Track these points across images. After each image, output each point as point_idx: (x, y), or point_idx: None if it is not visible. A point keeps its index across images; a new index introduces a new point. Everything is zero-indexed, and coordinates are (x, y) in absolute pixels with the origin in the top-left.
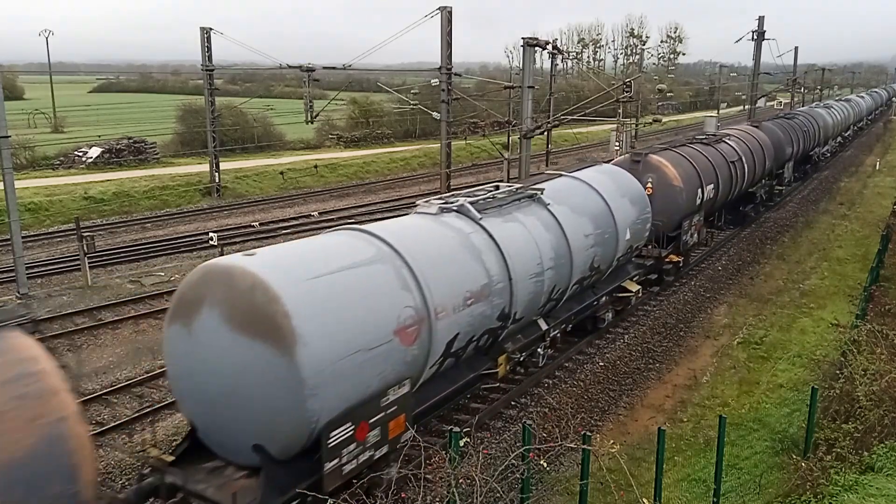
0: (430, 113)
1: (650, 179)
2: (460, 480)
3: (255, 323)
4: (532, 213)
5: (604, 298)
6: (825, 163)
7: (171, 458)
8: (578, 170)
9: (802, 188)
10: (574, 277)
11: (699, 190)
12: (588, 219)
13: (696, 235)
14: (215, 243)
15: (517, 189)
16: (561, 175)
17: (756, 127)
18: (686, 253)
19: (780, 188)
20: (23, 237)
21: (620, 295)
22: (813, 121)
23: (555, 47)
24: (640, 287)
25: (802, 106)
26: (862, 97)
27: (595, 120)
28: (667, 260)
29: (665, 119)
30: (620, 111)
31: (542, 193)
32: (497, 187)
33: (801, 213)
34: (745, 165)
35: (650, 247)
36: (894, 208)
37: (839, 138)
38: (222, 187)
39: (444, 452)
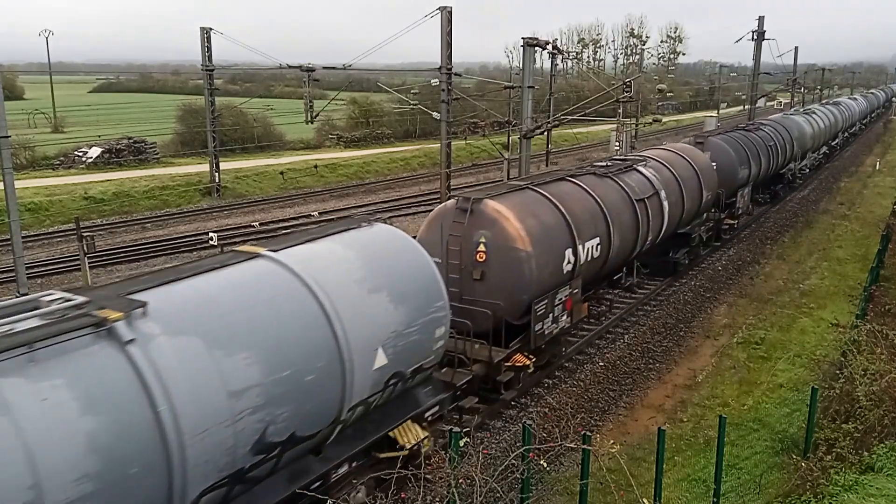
0: (430, 113)
1: (482, 240)
2: (460, 480)
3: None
4: None
5: None
6: (804, 180)
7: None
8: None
9: (766, 217)
10: None
11: (568, 252)
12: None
13: (562, 321)
14: (215, 243)
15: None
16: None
17: (700, 144)
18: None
19: (733, 221)
20: (23, 237)
21: None
22: (784, 132)
23: (555, 47)
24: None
25: (803, 106)
26: (855, 99)
27: (595, 120)
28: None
29: (665, 119)
30: (620, 111)
31: None
32: None
33: (801, 213)
34: (667, 202)
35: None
36: (894, 208)
37: (823, 148)
38: (222, 187)
39: (444, 452)
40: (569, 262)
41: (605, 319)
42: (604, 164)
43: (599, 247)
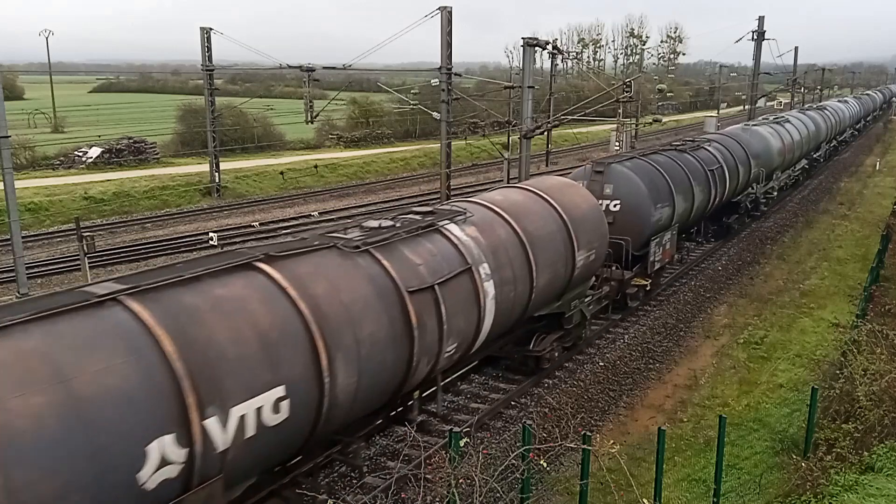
0: (430, 113)
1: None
2: (460, 480)
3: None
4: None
5: None
6: (774, 205)
7: None
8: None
9: (708, 262)
10: None
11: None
12: None
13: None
14: (215, 243)
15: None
16: None
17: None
18: None
19: (644, 282)
20: (23, 237)
21: None
22: (738, 150)
23: (555, 47)
24: None
25: (803, 105)
26: (845, 102)
27: (595, 120)
28: None
29: (665, 119)
30: (620, 111)
31: None
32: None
33: (801, 213)
34: (492, 283)
35: None
36: (894, 208)
37: (803, 162)
38: (222, 187)
39: (444, 452)
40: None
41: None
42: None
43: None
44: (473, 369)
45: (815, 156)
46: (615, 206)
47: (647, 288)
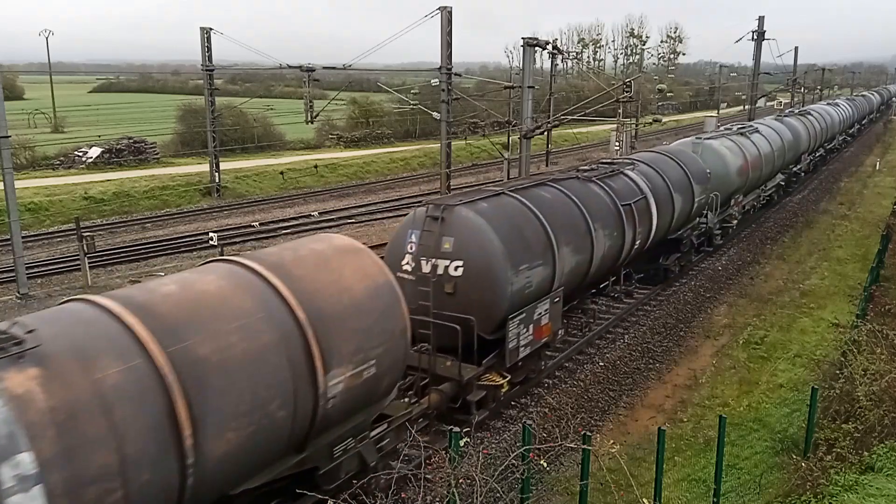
0: (430, 113)
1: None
2: (460, 480)
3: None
4: None
5: None
6: (732, 235)
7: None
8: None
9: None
10: None
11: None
12: None
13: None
14: (215, 243)
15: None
16: None
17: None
18: None
19: (497, 382)
20: (23, 237)
21: None
22: (677, 174)
23: (555, 47)
24: None
25: (802, 104)
26: (835, 105)
27: (595, 120)
28: None
29: (665, 119)
30: (620, 111)
31: None
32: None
33: (801, 213)
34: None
35: None
36: (894, 208)
37: (777, 178)
38: (222, 187)
39: (444, 452)
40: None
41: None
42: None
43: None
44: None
45: (794, 169)
46: (456, 269)
47: (504, 388)
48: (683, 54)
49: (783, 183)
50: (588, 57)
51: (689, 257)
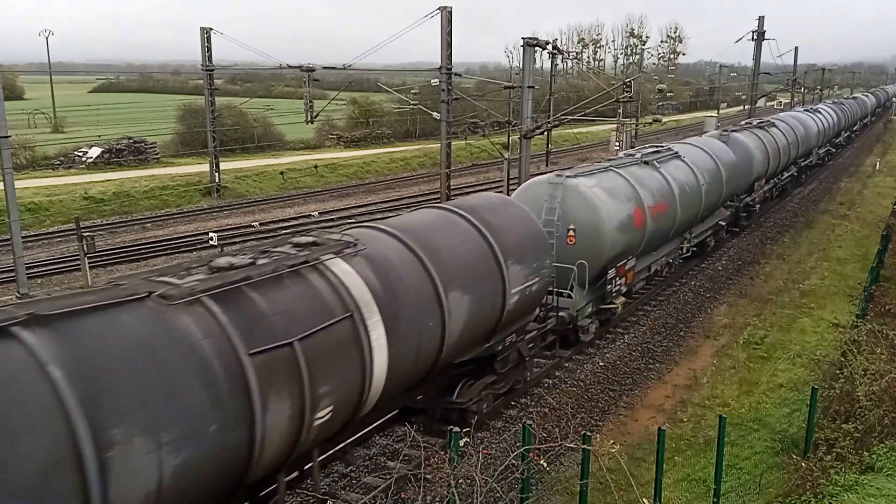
0: (430, 113)
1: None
2: (460, 480)
3: None
4: None
5: None
6: (655, 290)
7: None
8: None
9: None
10: None
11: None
12: None
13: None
14: (215, 243)
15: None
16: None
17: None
18: None
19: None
20: (23, 237)
21: None
22: (478, 254)
23: (555, 47)
24: None
25: (803, 104)
26: (815, 112)
27: (595, 120)
28: None
29: (665, 119)
30: (620, 111)
31: None
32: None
33: (801, 213)
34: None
35: None
36: (894, 208)
37: (712, 220)
38: (222, 187)
39: (443, 452)
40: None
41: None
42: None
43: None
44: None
45: (746, 199)
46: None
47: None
48: (683, 54)
49: (725, 223)
50: (588, 57)
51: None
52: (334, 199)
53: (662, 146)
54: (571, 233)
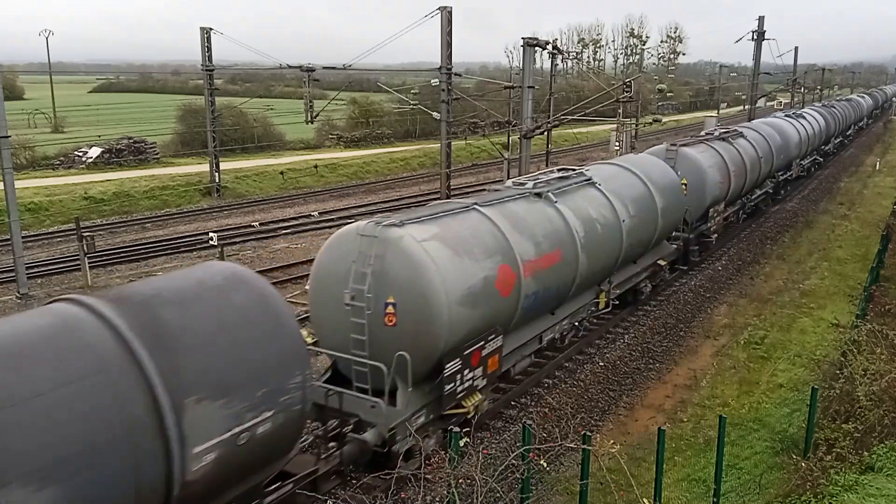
0: (430, 113)
1: None
2: (460, 480)
3: None
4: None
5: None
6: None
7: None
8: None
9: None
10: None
11: None
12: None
13: None
14: (215, 243)
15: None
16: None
17: None
18: None
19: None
20: (23, 237)
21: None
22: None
23: (555, 47)
24: None
25: (803, 104)
26: (801, 117)
27: (595, 120)
28: None
29: (665, 119)
30: (620, 111)
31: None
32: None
33: (801, 213)
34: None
35: None
36: (894, 208)
37: (677, 244)
38: (222, 187)
39: (443, 452)
40: None
41: None
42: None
43: None
44: None
45: (701, 228)
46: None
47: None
48: (683, 54)
49: (666, 263)
50: (588, 57)
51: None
52: (334, 199)
53: (575, 170)
54: (390, 309)
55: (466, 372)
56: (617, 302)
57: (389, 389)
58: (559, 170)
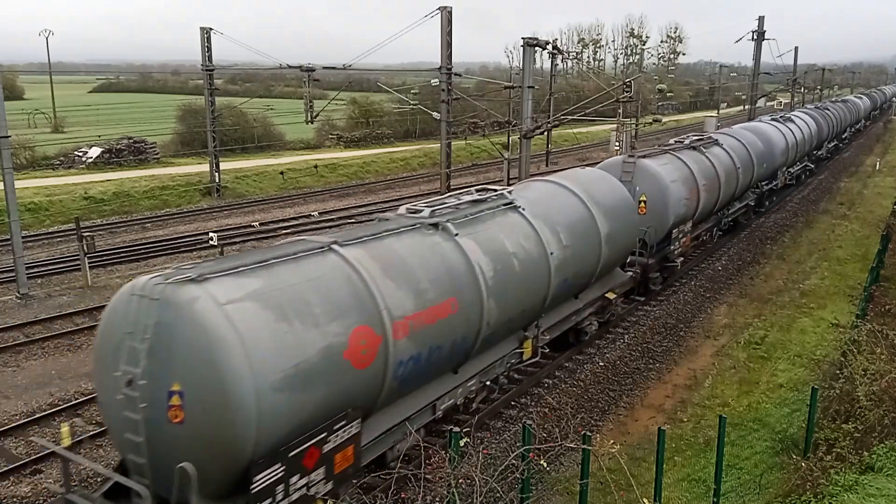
0: (430, 113)
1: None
2: (460, 480)
3: None
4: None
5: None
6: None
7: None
8: None
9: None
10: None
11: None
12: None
13: None
14: (215, 243)
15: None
16: None
17: None
18: None
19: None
20: (23, 237)
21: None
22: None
23: (555, 47)
24: None
25: (803, 104)
26: (790, 121)
27: (595, 120)
28: None
29: (665, 119)
30: (620, 111)
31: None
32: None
33: (801, 213)
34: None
35: None
36: (894, 208)
37: (597, 310)
38: (222, 187)
39: (444, 452)
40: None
41: None
42: None
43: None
44: None
45: (664, 250)
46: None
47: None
48: (683, 54)
49: (599, 314)
50: (588, 57)
51: None
52: (334, 199)
53: (496, 190)
54: (175, 400)
55: (295, 479)
56: (547, 350)
57: None
58: (478, 190)
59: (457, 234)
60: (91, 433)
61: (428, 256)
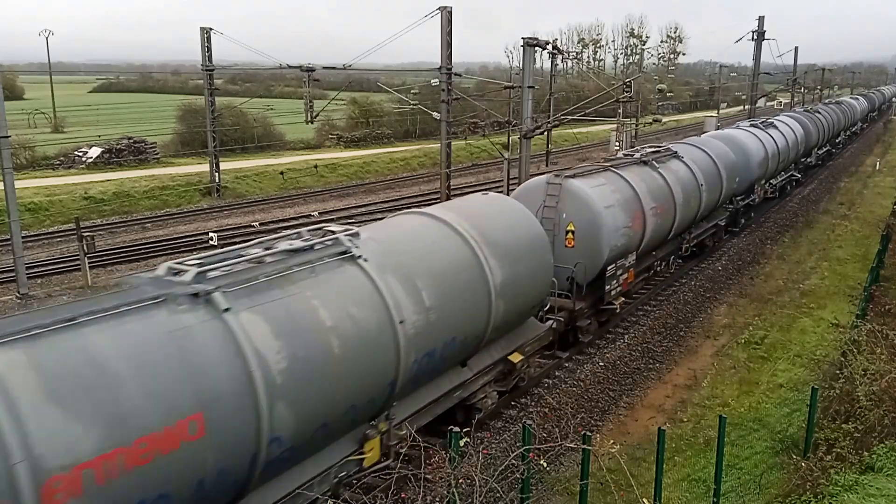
0: (430, 113)
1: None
2: (460, 480)
3: None
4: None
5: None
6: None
7: None
8: None
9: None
10: None
11: None
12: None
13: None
14: (215, 243)
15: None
16: None
17: None
18: None
19: None
20: (23, 237)
21: None
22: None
23: (555, 47)
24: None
25: (803, 104)
26: (772, 127)
27: (595, 120)
28: None
29: (665, 119)
30: (620, 111)
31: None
32: None
33: (801, 213)
34: None
35: None
36: (894, 208)
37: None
38: (222, 187)
39: (443, 452)
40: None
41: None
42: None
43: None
44: None
45: (597, 292)
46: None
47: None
48: (683, 54)
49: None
50: (588, 57)
51: None
52: (334, 199)
53: (337, 233)
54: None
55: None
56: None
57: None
58: (311, 230)
59: (227, 310)
60: None
61: (155, 352)
